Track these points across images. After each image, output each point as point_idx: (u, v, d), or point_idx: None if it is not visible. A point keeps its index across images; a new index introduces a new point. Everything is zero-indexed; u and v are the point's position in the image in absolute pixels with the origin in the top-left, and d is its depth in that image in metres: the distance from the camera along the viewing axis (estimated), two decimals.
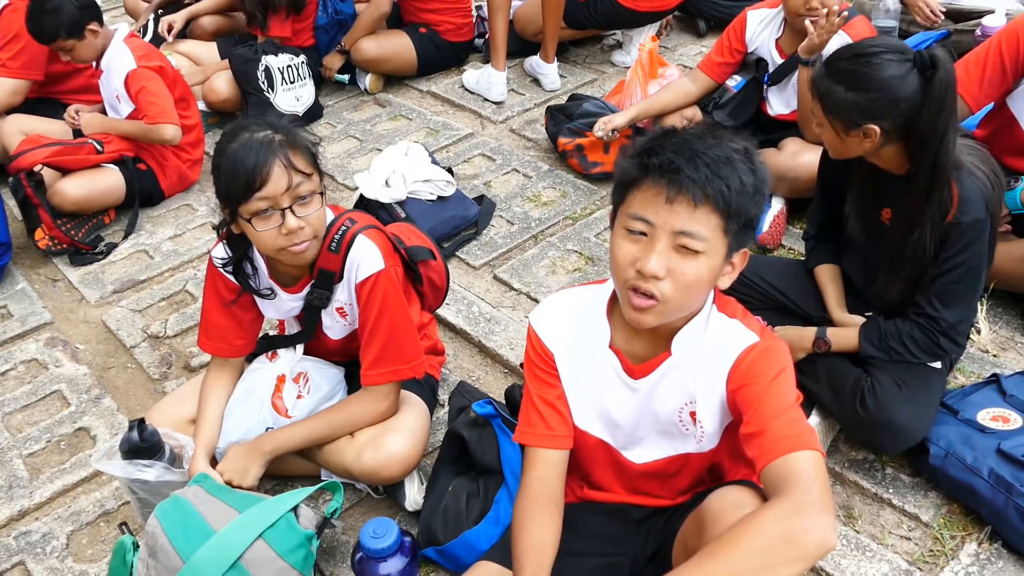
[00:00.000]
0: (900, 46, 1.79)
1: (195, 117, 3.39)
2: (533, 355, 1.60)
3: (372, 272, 1.85)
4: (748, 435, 1.37)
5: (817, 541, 1.21)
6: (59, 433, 2.36)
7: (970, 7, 3.49)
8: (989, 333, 2.36)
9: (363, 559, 1.69)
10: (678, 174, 1.29)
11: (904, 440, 1.93)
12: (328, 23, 4.03)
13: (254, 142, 1.70)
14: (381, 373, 1.92)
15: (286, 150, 1.72)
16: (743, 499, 1.37)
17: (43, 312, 2.83)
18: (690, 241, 1.31)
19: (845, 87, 1.79)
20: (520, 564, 1.50)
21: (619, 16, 3.86)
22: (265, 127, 1.75)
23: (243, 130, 1.74)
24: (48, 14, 2.97)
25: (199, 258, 3.04)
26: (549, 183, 3.24)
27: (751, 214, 1.35)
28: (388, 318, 1.88)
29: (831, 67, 1.84)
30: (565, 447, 1.59)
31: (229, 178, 1.71)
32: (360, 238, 1.87)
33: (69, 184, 3.05)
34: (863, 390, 1.95)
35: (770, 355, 1.42)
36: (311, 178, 1.76)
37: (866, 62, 1.77)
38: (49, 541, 2.05)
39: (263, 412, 2.01)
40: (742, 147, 1.35)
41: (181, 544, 1.66)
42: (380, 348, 1.89)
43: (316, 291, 1.92)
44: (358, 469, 1.93)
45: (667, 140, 1.34)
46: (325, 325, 2.01)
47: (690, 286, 1.35)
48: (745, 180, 1.32)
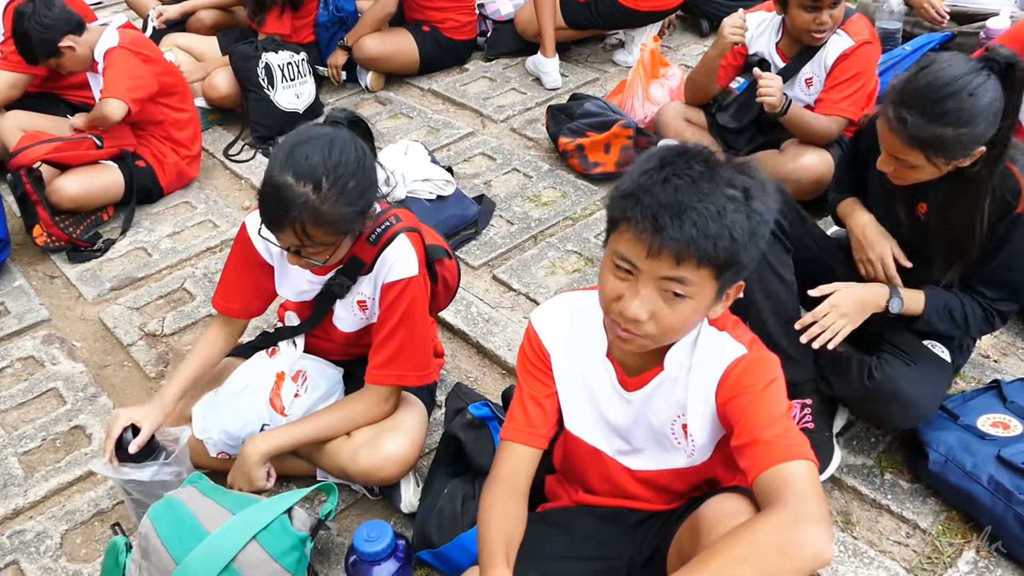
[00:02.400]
0: (973, 63, 1.71)
1: (191, 111, 3.38)
2: (530, 352, 1.59)
3: (404, 276, 1.85)
4: (740, 446, 1.36)
5: (812, 554, 1.20)
6: (55, 431, 2.35)
7: (974, 9, 3.48)
8: (991, 338, 2.35)
9: (357, 562, 1.68)
10: (661, 233, 1.22)
11: (912, 412, 1.91)
12: (329, 20, 4.02)
13: (285, 195, 1.65)
14: (388, 375, 1.91)
15: (307, 219, 1.65)
16: (738, 507, 1.35)
17: (40, 309, 2.82)
18: (676, 286, 1.27)
19: (953, 128, 1.69)
20: (491, 551, 1.45)
21: (620, 16, 3.85)
22: (309, 180, 1.64)
23: (291, 168, 1.65)
24: (21, 41, 3.01)
25: (197, 255, 3.03)
26: (550, 183, 3.23)
27: (745, 261, 1.28)
28: (408, 325, 1.88)
29: (929, 112, 1.70)
30: (540, 446, 1.58)
31: (259, 201, 1.73)
32: (401, 238, 1.87)
33: (67, 181, 3.04)
34: (871, 366, 1.94)
35: (759, 367, 1.41)
36: (328, 245, 1.74)
37: (960, 95, 1.68)
38: (43, 540, 2.04)
39: (260, 408, 2.00)
40: (741, 189, 1.26)
41: (174, 545, 1.65)
42: (394, 351, 1.89)
43: (340, 277, 1.92)
44: (354, 469, 1.92)
45: (657, 185, 1.25)
46: (337, 316, 2.00)
47: (674, 328, 1.33)
48: (737, 234, 1.24)
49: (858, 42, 2.64)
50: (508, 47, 4.18)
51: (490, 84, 4.02)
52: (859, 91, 2.65)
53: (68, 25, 3.03)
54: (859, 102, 2.67)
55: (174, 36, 4.00)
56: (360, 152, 1.73)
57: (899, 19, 3.53)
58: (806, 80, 2.77)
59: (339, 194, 1.67)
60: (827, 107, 2.69)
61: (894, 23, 3.53)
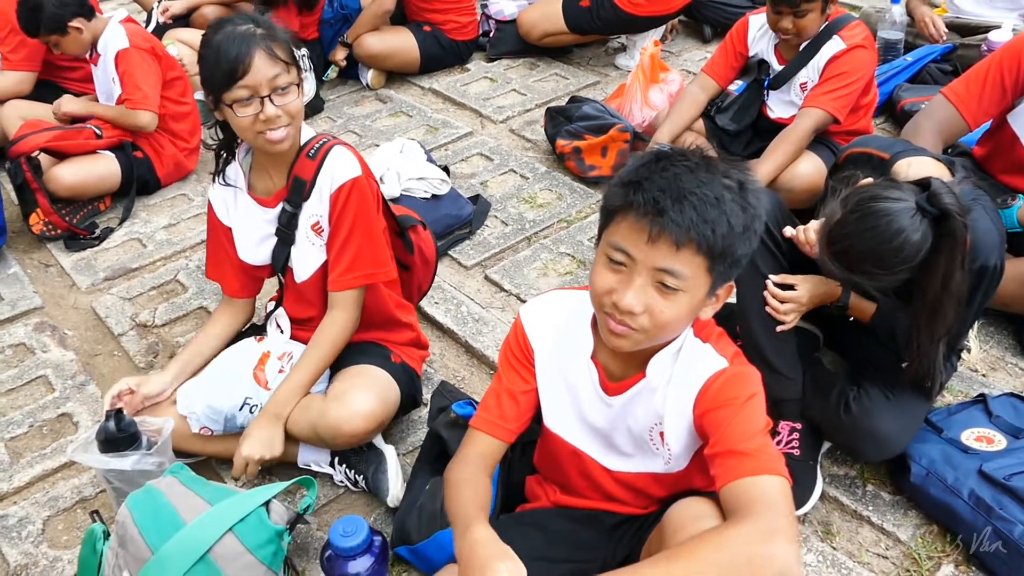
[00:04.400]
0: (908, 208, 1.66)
1: (191, 104, 3.39)
2: (514, 345, 1.59)
3: (348, 178, 1.91)
4: (713, 454, 1.36)
5: (779, 570, 1.20)
6: (42, 418, 2.36)
7: (976, 22, 3.48)
8: (979, 352, 2.34)
9: (332, 557, 1.68)
10: (662, 216, 1.24)
11: (885, 449, 1.92)
12: (333, 17, 4.02)
13: (237, 34, 1.80)
14: (354, 277, 1.96)
15: (268, 42, 1.81)
16: (703, 511, 1.36)
17: (34, 297, 2.83)
18: (670, 279, 1.28)
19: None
20: (467, 512, 1.43)
21: (621, 21, 3.86)
22: (247, 21, 1.84)
23: (227, 23, 1.84)
24: (30, 11, 3.01)
25: (192, 248, 3.04)
26: (546, 185, 3.23)
27: (739, 254, 1.30)
28: (363, 226, 1.93)
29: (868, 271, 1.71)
30: (507, 439, 1.59)
31: (213, 66, 1.81)
32: (338, 148, 1.95)
33: (64, 170, 3.05)
34: (848, 397, 1.94)
35: (739, 380, 1.41)
36: (290, 69, 1.84)
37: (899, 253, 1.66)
38: (25, 526, 2.05)
39: (243, 382, 2.02)
40: (736, 181, 1.29)
41: (151, 535, 1.65)
42: (354, 254, 1.94)
43: (287, 205, 1.96)
44: (323, 424, 1.93)
45: (656, 173, 1.28)
46: (295, 259, 2.01)
47: (668, 323, 1.33)
48: (734, 222, 1.26)
49: (850, 45, 2.64)
50: (510, 47, 4.19)
51: (491, 84, 4.03)
52: (843, 89, 2.64)
53: (82, 8, 3.07)
54: (842, 100, 2.64)
55: (177, 31, 4.01)
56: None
57: (901, 30, 3.53)
58: (800, 84, 2.78)
59: (273, 24, 1.87)
60: (807, 100, 2.69)
61: (896, 33, 3.53)
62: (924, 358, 1.81)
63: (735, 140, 3.03)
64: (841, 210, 1.69)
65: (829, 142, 2.79)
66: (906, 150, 1.91)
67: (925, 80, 3.40)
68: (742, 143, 3.03)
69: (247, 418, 2.02)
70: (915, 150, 1.92)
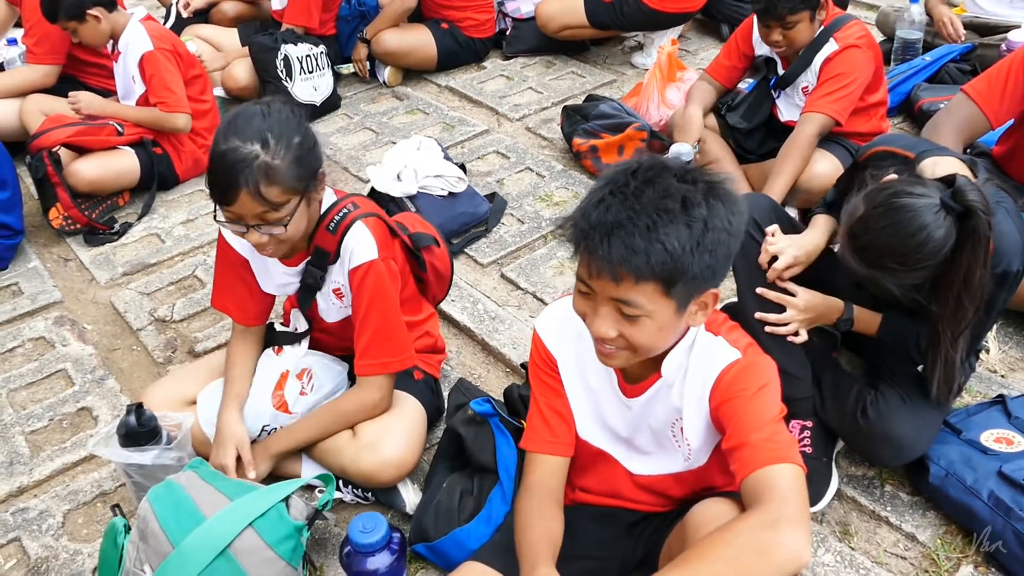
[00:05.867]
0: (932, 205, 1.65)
1: (211, 101, 3.41)
2: (538, 360, 1.60)
3: (365, 260, 1.87)
4: (729, 448, 1.36)
5: (788, 555, 1.20)
6: (62, 412, 2.38)
7: (995, 21, 3.45)
8: (998, 353, 2.33)
9: (351, 553, 1.69)
10: (593, 253, 1.24)
11: (902, 454, 1.91)
12: (350, 14, 4.04)
13: (234, 157, 1.66)
14: (371, 364, 1.94)
15: (260, 178, 1.66)
16: (725, 511, 1.36)
17: (53, 291, 2.85)
18: (626, 308, 1.28)
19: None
20: (534, 551, 1.47)
21: (644, 17, 3.83)
22: (256, 139, 1.67)
23: (235, 134, 1.68)
24: None
25: (210, 244, 3.05)
26: (562, 183, 3.23)
27: (695, 270, 1.25)
28: (378, 310, 1.90)
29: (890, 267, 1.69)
30: (567, 454, 1.59)
31: (208, 180, 1.74)
32: (358, 224, 1.88)
33: (84, 165, 3.08)
34: (866, 401, 1.93)
35: (752, 371, 1.41)
36: (283, 207, 1.72)
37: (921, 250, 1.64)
38: (46, 519, 2.06)
39: (261, 409, 2.01)
40: (679, 199, 1.23)
41: (172, 529, 1.66)
42: (369, 339, 1.91)
43: (311, 268, 1.94)
44: (354, 470, 1.93)
45: (591, 207, 1.26)
46: (321, 308, 2.01)
47: (644, 344, 1.34)
48: (673, 244, 1.22)
49: (843, 46, 2.62)
50: (527, 45, 4.18)
51: (507, 82, 4.03)
52: (841, 91, 2.62)
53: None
54: (841, 102, 2.62)
55: (196, 27, 4.03)
56: (298, 115, 1.77)
57: (920, 29, 3.51)
58: (802, 88, 2.77)
59: (287, 148, 1.70)
60: (807, 105, 2.68)
61: (915, 33, 3.51)
62: (942, 358, 1.80)
63: (749, 137, 3.01)
64: (864, 205, 1.68)
65: (845, 141, 2.78)
66: (931, 149, 1.90)
67: (944, 80, 3.37)
68: (756, 141, 3.01)
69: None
70: (940, 149, 1.91)
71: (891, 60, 3.54)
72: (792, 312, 1.93)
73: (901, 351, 1.94)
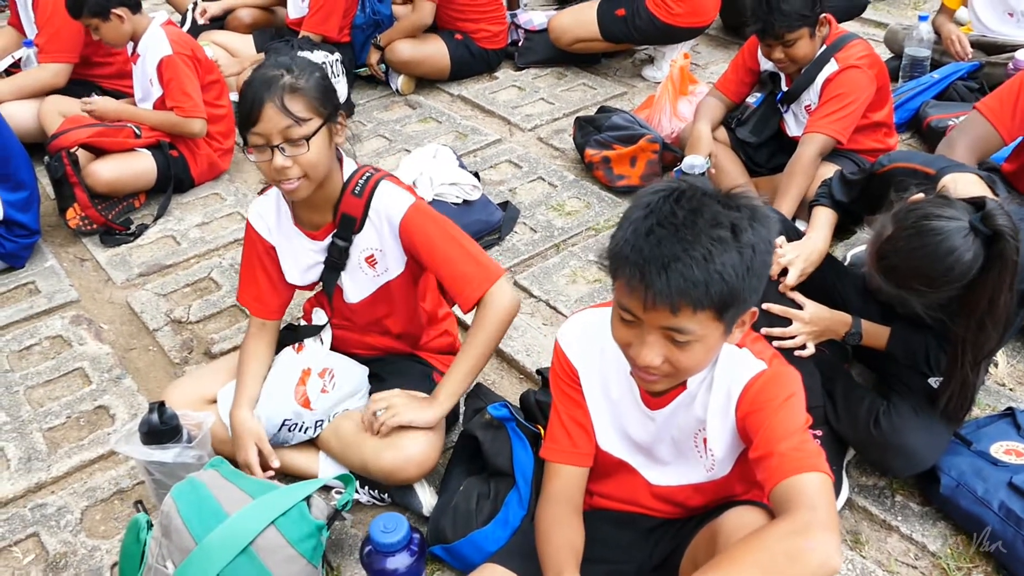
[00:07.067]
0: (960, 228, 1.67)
1: (227, 106, 3.44)
2: (559, 371, 1.61)
3: (406, 207, 1.90)
4: (757, 458, 1.38)
5: (820, 560, 1.22)
6: (79, 410, 2.40)
7: (1003, 40, 3.49)
8: (1007, 367, 2.35)
9: (372, 552, 1.71)
10: (650, 288, 1.24)
11: (914, 464, 1.93)
12: (365, 23, 4.09)
13: (260, 79, 1.79)
14: (481, 282, 1.90)
15: (284, 93, 1.77)
16: (757, 520, 1.38)
17: (70, 290, 2.88)
18: (678, 335, 1.30)
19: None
20: (556, 559, 1.50)
21: (657, 31, 3.87)
22: (281, 66, 1.81)
23: (266, 63, 1.83)
24: None
25: (225, 246, 3.08)
26: (574, 193, 3.26)
27: (746, 295, 1.28)
28: (452, 235, 1.91)
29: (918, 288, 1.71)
30: (586, 464, 1.62)
31: (239, 106, 1.83)
32: (384, 183, 1.94)
33: (102, 166, 3.11)
34: (879, 412, 1.96)
35: (778, 381, 1.43)
36: (305, 124, 1.79)
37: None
38: (64, 515, 2.08)
39: (284, 403, 2.03)
40: (729, 225, 1.25)
41: (195, 526, 1.68)
42: (466, 262, 1.90)
43: (336, 242, 1.97)
44: (375, 466, 1.94)
45: (641, 239, 1.26)
46: (346, 288, 2.02)
47: (690, 367, 1.36)
48: (730, 273, 1.24)
49: (843, 67, 2.66)
50: (539, 57, 4.22)
51: (519, 93, 4.06)
52: (842, 111, 2.65)
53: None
54: (843, 122, 2.66)
55: (212, 33, 4.07)
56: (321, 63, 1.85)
57: (928, 47, 3.55)
58: (805, 107, 2.81)
59: (309, 75, 1.82)
60: (808, 125, 2.72)
61: (923, 51, 3.55)
62: (959, 380, 1.82)
63: (758, 151, 3.05)
64: (893, 226, 1.70)
65: (853, 156, 2.81)
66: (950, 166, 1.93)
67: (952, 97, 3.41)
68: (765, 154, 3.05)
69: (286, 436, 2.04)
70: (958, 166, 1.94)
71: (899, 77, 3.58)
72: (798, 325, 1.96)
73: (911, 364, 1.97)
